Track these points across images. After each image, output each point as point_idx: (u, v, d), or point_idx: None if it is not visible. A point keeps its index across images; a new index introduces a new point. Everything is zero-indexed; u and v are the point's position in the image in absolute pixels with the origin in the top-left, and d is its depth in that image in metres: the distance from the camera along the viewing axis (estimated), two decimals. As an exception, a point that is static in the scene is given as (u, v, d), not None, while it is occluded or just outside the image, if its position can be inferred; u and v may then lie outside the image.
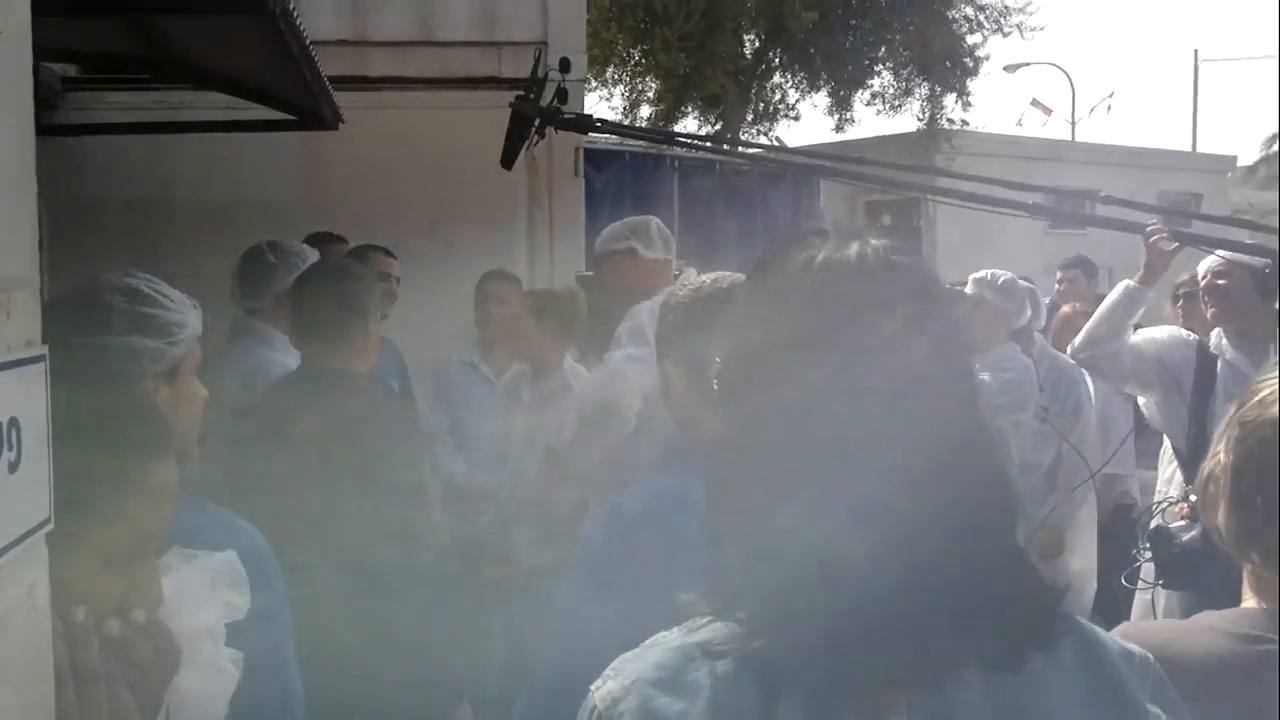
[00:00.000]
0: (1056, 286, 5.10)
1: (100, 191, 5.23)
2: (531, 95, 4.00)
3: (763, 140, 18.65)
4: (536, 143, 4.02)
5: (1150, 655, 1.10)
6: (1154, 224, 3.81)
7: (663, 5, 15.44)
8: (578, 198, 6.12)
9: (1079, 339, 3.98)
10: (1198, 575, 3.17)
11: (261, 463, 2.71)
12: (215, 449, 2.58)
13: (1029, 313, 4.73)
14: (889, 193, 14.10)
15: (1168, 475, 4.01)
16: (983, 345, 4.57)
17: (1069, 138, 25.22)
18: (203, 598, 1.42)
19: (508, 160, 3.95)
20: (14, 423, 0.96)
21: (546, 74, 4.13)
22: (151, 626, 1.26)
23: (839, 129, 18.66)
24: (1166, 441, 4.09)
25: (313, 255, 3.86)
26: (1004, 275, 4.67)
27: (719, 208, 10.86)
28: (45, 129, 4.69)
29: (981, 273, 4.69)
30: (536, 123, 3.93)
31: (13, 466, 0.96)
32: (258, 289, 3.74)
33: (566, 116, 4.14)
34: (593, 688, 1.09)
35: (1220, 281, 3.72)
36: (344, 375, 2.90)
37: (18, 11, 0.95)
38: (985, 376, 4.37)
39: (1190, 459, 3.66)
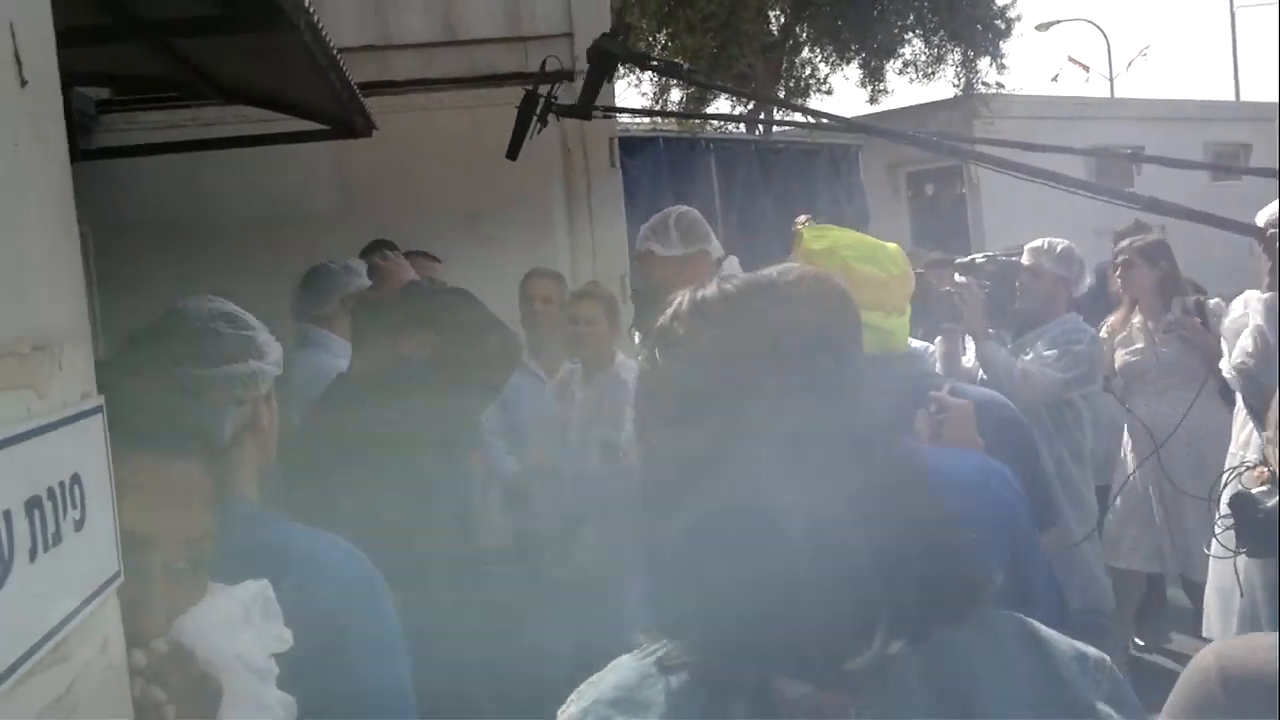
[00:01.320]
0: (1115, 273, 4.96)
1: (139, 214, 5.24)
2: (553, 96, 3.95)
3: (796, 117, 18.51)
4: (539, 130, 3.96)
5: (1107, 658, 1.12)
6: (1272, 225, 3.62)
7: (685, -13, 15.35)
8: (616, 189, 6.06)
9: (1239, 369, 3.79)
10: None
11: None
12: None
13: (1088, 280, 4.60)
14: (930, 161, 13.93)
15: (1243, 439, 3.92)
16: (1044, 315, 4.46)
17: (1108, 94, 24.80)
18: (233, 628, 1.37)
19: (513, 151, 3.92)
20: (76, 479, 0.94)
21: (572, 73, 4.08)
22: (176, 653, 1.22)
23: (873, 100, 18.47)
24: (1239, 402, 3.99)
25: (364, 266, 3.95)
26: (1061, 243, 4.54)
27: (758, 186, 10.78)
28: (82, 154, 4.70)
29: (1038, 242, 4.56)
30: (539, 110, 3.89)
31: (79, 525, 0.93)
32: (324, 295, 3.96)
33: (655, 61, 4.09)
34: (559, 713, 1.15)
35: None
36: None
37: (46, 63, 0.91)
38: (1052, 351, 4.26)
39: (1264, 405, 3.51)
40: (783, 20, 18.06)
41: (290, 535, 1.75)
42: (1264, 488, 3.17)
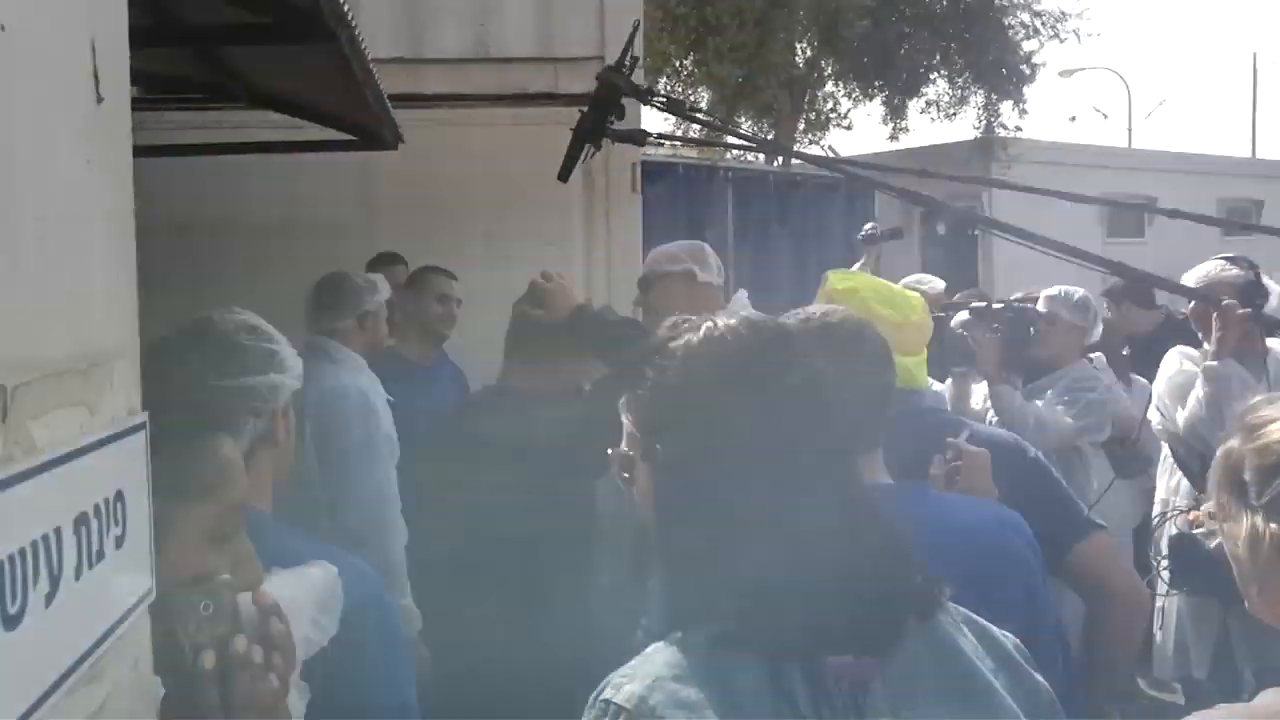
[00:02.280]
0: (1106, 315, 4.99)
1: (158, 214, 5.24)
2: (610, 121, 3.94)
3: (815, 149, 18.56)
4: (592, 155, 3.96)
5: (1020, 643, 1.41)
6: (1227, 300, 3.71)
7: (715, 15, 15.39)
8: (636, 214, 6.07)
9: (1189, 436, 3.85)
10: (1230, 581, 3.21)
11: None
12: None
13: (1100, 329, 4.62)
14: (945, 199, 13.96)
15: (1172, 485, 4.07)
16: (1058, 362, 4.47)
17: (1126, 143, 24.86)
18: (296, 611, 1.38)
19: (565, 173, 3.91)
20: (120, 496, 0.95)
21: (639, 60, 4.07)
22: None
23: (893, 137, 18.51)
24: (1165, 451, 4.14)
25: (384, 285, 3.93)
26: (1077, 292, 4.57)
27: (773, 218, 10.79)
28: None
29: (1054, 290, 4.58)
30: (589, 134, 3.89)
31: (120, 541, 0.94)
32: (342, 309, 3.85)
33: (658, 99, 4.09)
34: (607, 695, 1.22)
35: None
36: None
37: (120, 81, 0.92)
38: (1065, 399, 4.26)
39: (1203, 468, 3.65)
40: (809, 53, 18.13)
41: (301, 548, 1.75)
42: (1201, 529, 3.31)
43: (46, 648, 0.82)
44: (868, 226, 6.24)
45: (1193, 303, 4.03)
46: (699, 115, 6.39)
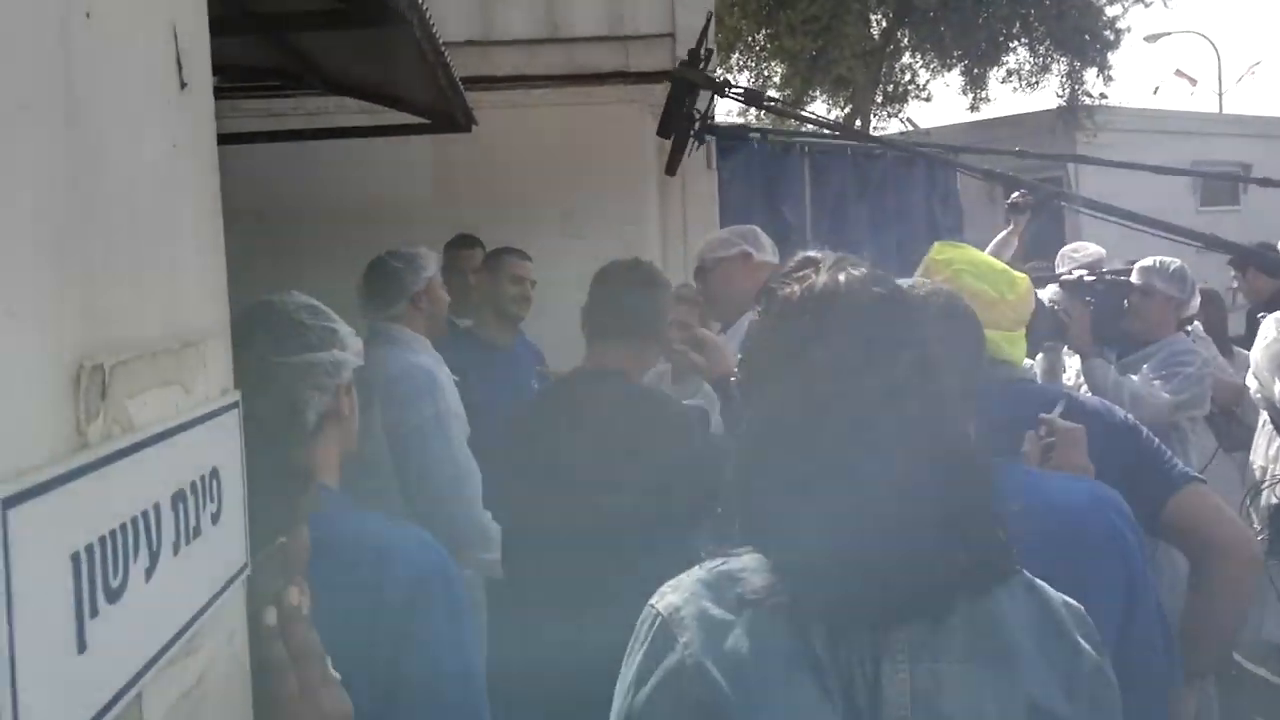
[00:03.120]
0: (1233, 285, 4.81)
1: (233, 201, 5.31)
2: (701, 63, 3.92)
3: (894, 123, 18.30)
4: (697, 148, 3.96)
5: (1082, 607, 1.39)
6: None
7: (786, -12, 15.25)
8: (711, 191, 6.05)
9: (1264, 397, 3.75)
10: None
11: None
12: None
13: (1198, 300, 4.48)
14: (1028, 171, 13.63)
15: (1271, 453, 3.89)
16: (1153, 335, 4.36)
17: (1216, 110, 24.13)
18: None
19: (671, 168, 3.92)
20: (215, 473, 0.97)
21: (712, 52, 4.03)
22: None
23: (974, 108, 18.17)
24: (1264, 418, 3.97)
25: (432, 257, 3.94)
26: (1174, 263, 4.40)
27: (851, 193, 10.64)
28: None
29: (1149, 260, 4.42)
30: (695, 128, 3.87)
31: (215, 518, 0.96)
32: (392, 296, 3.82)
33: (736, 90, 4.05)
34: (651, 603, 1.32)
35: None
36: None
37: (202, 66, 0.93)
38: (1161, 374, 4.17)
39: None
40: (884, 25, 17.87)
41: (367, 524, 1.79)
42: None
43: (147, 621, 0.84)
44: (1015, 194, 6.03)
45: None
46: (773, 104, 6.38)
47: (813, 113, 13.55)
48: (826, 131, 7.82)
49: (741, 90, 4.17)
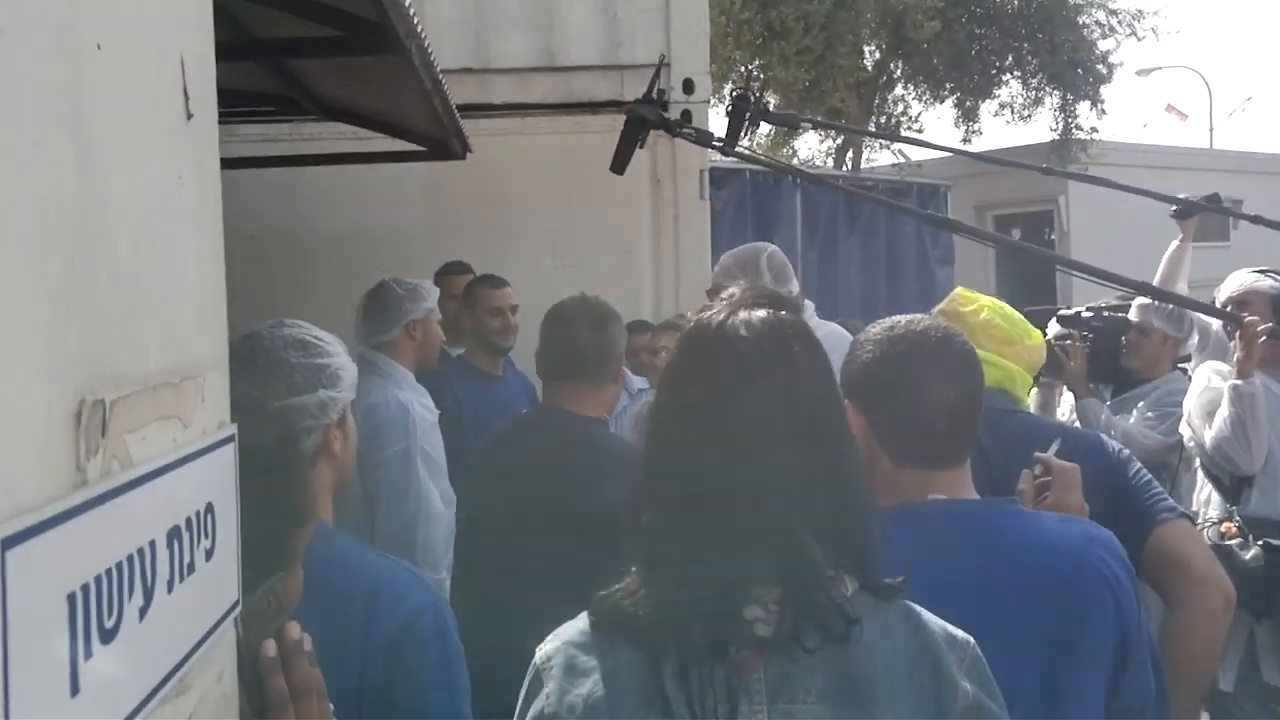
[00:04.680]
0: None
1: (227, 226, 5.30)
2: (655, 98, 3.93)
3: (886, 154, 18.39)
4: (642, 145, 3.96)
5: (971, 639, 1.37)
6: (1251, 318, 3.67)
7: (780, 19, 15.31)
8: (704, 222, 6.05)
9: (1215, 454, 3.79)
10: (1270, 596, 3.41)
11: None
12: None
13: (1196, 339, 4.45)
14: (1020, 204, 13.74)
15: (1203, 497, 3.95)
16: (1150, 373, 4.37)
17: (1207, 144, 24.32)
18: None
19: (619, 165, 3.91)
20: (210, 508, 0.95)
21: (666, 92, 4.06)
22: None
23: (966, 140, 18.28)
24: (1197, 464, 4.02)
25: (434, 291, 3.95)
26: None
27: (842, 224, 10.70)
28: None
29: (1147, 298, 4.43)
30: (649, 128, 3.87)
31: (209, 554, 0.95)
32: (386, 323, 3.85)
33: (687, 130, 4.06)
34: (538, 649, 1.37)
35: (1243, 311, 3.80)
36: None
37: (208, 96, 0.93)
38: (1154, 413, 4.17)
39: (1233, 481, 3.76)
40: (878, 56, 17.98)
41: (359, 558, 1.78)
42: (1234, 540, 3.51)
43: (140, 660, 0.82)
44: (1181, 196, 5.81)
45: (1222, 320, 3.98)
46: (826, 123, 6.40)
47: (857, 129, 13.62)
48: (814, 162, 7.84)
49: (693, 131, 4.17)
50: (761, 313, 1.40)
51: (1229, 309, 3.91)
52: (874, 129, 17.84)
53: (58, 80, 0.75)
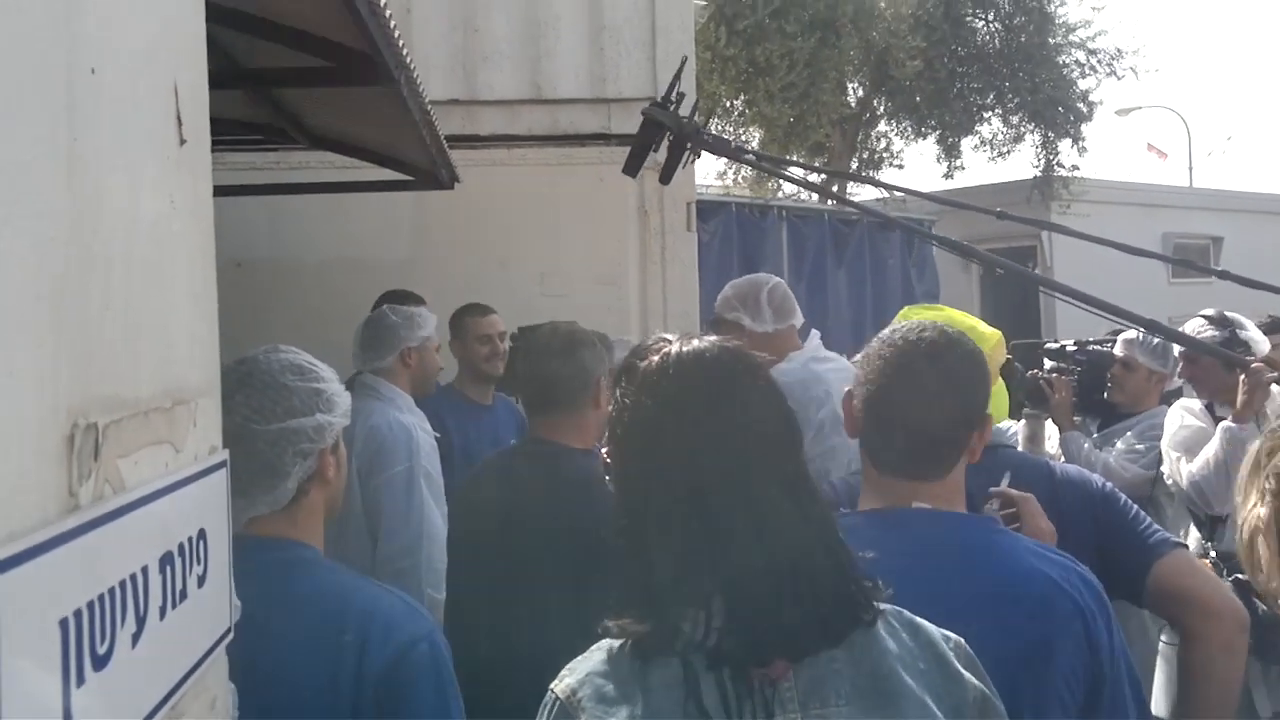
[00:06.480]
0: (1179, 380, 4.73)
1: (216, 252, 5.30)
2: (671, 105, 3.91)
3: (869, 189, 18.48)
4: (691, 162, 3.95)
5: (960, 638, 1.44)
6: (1255, 360, 3.68)
7: (765, 56, 15.42)
8: (691, 254, 6.07)
9: (1192, 492, 3.80)
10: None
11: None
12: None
13: (1179, 377, 4.44)
14: (1003, 241, 13.81)
15: (1180, 533, 3.88)
16: (1135, 407, 4.39)
17: (1187, 183, 24.53)
18: None
19: (632, 168, 3.88)
20: (202, 534, 0.94)
21: (685, 96, 4.03)
22: None
23: (948, 176, 18.39)
24: (1176, 500, 4.04)
25: (432, 319, 3.96)
26: (1157, 336, 4.42)
27: (829, 257, 10.74)
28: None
29: (1132, 333, 4.41)
30: (669, 137, 3.84)
31: (201, 580, 0.93)
32: (383, 349, 3.87)
33: (707, 137, 4.03)
34: (551, 686, 1.36)
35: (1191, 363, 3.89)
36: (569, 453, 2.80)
37: (201, 123, 0.93)
38: (1139, 446, 4.18)
39: (1209, 517, 3.75)
40: (861, 93, 18.11)
41: (354, 588, 1.76)
42: None
43: (132, 689, 0.81)
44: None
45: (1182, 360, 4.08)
46: (748, 155, 6.42)
47: (790, 163, 13.71)
48: (804, 186, 7.85)
49: (710, 137, 4.15)
50: (705, 341, 1.45)
51: (1181, 363, 4.00)
52: (855, 164, 17.95)
53: (51, 103, 0.74)
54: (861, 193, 18.87)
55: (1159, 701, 3.51)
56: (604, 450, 1.49)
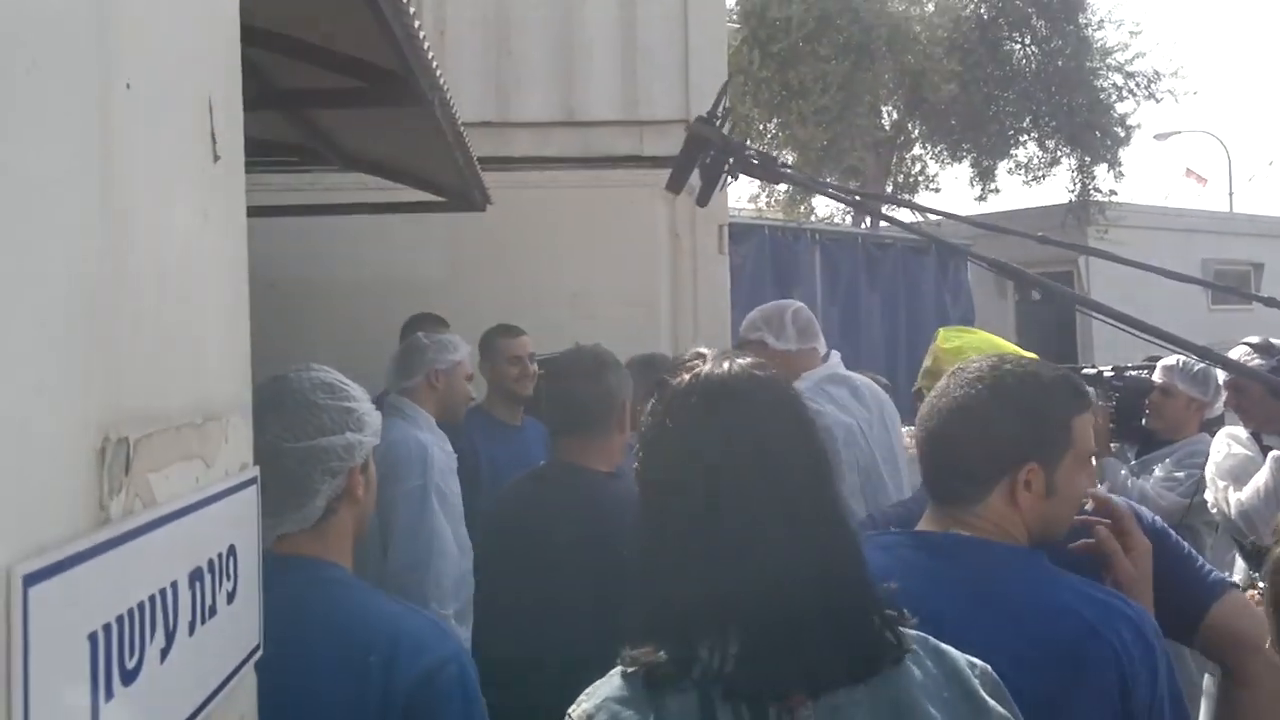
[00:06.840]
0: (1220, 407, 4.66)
1: (251, 273, 5.34)
2: (718, 121, 3.92)
3: (903, 212, 18.44)
4: (728, 184, 3.95)
5: (986, 665, 1.41)
6: None
7: (799, 79, 15.45)
8: (723, 277, 6.06)
9: (1240, 521, 3.70)
10: None
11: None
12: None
13: (1222, 400, 4.32)
14: (1039, 265, 13.70)
15: (1226, 560, 3.88)
16: (1174, 435, 4.31)
17: (1227, 208, 24.28)
18: None
19: (675, 185, 3.88)
20: (232, 550, 0.94)
21: (731, 111, 4.03)
22: None
23: (982, 199, 18.33)
24: (1221, 529, 3.97)
25: (464, 346, 4.04)
26: (1197, 363, 4.27)
27: (862, 281, 10.70)
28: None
29: (1171, 359, 4.33)
30: (729, 163, 3.84)
31: (230, 596, 0.93)
32: (410, 369, 3.94)
33: (750, 153, 4.03)
34: (570, 711, 1.35)
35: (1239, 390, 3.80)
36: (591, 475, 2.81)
37: (234, 140, 0.93)
38: (1178, 474, 4.12)
39: (1255, 547, 3.62)
40: (895, 116, 18.10)
41: (382, 609, 1.75)
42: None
43: (161, 704, 0.81)
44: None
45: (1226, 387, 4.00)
46: (788, 172, 6.42)
47: (825, 183, 13.68)
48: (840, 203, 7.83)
49: (755, 153, 4.14)
50: (736, 364, 1.44)
51: (1227, 391, 3.93)
52: (890, 188, 17.92)
53: (86, 118, 0.75)
54: (898, 216, 18.82)
55: None
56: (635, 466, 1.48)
